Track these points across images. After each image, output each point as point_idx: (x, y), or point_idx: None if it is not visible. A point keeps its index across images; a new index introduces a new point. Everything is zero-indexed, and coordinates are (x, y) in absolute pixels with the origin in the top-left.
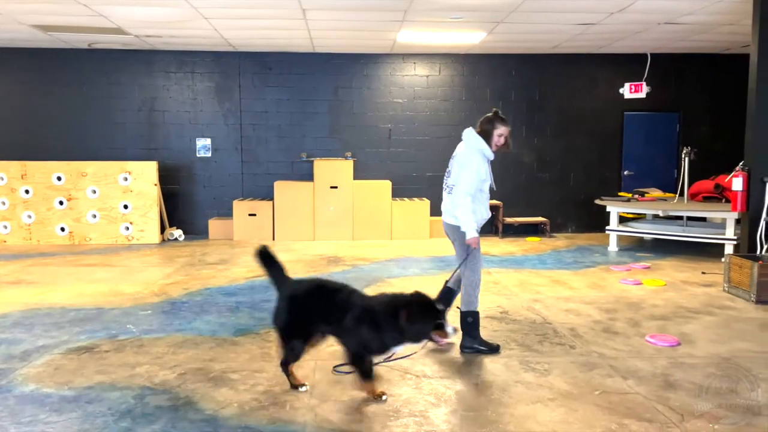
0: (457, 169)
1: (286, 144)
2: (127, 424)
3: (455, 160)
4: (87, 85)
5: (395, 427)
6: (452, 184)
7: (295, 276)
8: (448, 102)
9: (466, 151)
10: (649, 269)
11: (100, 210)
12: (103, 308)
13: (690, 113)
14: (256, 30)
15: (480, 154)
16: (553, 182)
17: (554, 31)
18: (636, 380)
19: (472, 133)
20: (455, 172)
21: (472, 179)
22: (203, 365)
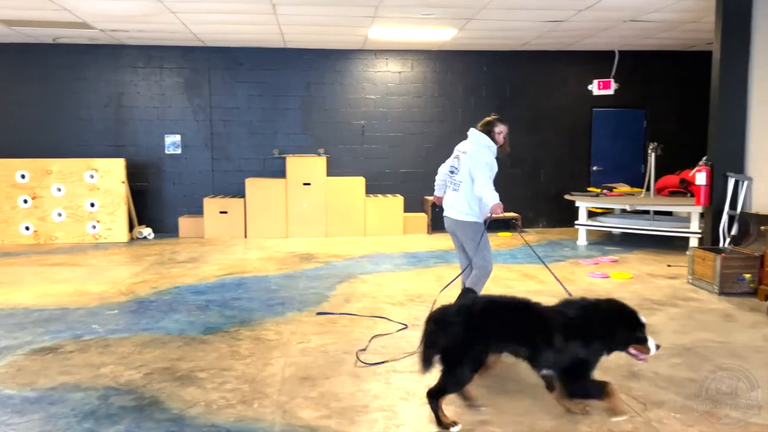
0: (470, 165)
1: (258, 140)
2: (90, 425)
3: (466, 157)
4: (52, 81)
5: (364, 422)
6: (460, 180)
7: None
8: (420, 98)
9: (476, 147)
10: (617, 262)
11: (66, 208)
12: (68, 308)
13: (656, 109)
14: (226, 25)
15: (488, 149)
16: (524, 178)
17: (524, 28)
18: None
19: (478, 132)
20: (466, 168)
21: (486, 170)
22: (170, 364)
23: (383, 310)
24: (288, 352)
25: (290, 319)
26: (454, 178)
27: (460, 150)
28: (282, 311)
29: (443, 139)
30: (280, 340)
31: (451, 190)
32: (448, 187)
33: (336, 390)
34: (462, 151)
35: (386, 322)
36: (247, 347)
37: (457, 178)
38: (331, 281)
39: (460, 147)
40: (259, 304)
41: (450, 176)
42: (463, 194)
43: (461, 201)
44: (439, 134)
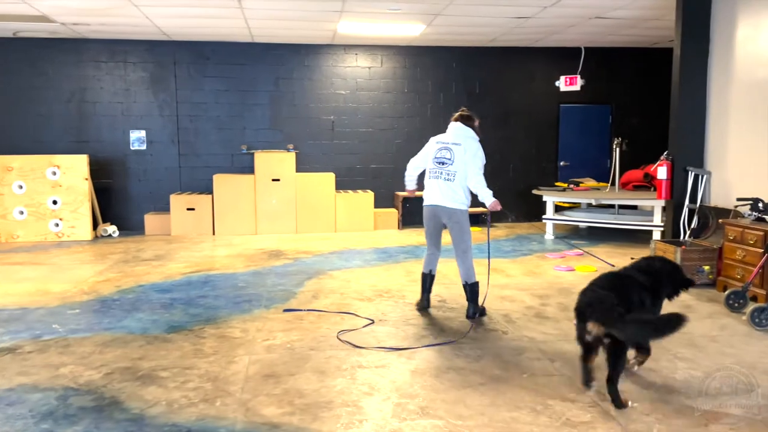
0: (467, 158)
1: (226, 136)
2: (48, 426)
3: (460, 150)
4: (11, 76)
5: (327, 418)
6: (455, 170)
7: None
8: (390, 94)
9: (469, 141)
10: (582, 256)
11: (28, 206)
12: (28, 308)
13: (621, 105)
14: (191, 18)
15: (478, 142)
16: (493, 173)
17: (491, 24)
18: (563, 362)
19: (465, 126)
20: (461, 160)
21: (481, 164)
22: (132, 364)
23: (351, 306)
24: (253, 349)
25: (257, 317)
26: (447, 169)
27: (447, 142)
28: (248, 308)
29: (413, 134)
30: (245, 338)
31: (443, 180)
32: (437, 178)
33: (300, 386)
34: (453, 143)
35: (353, 318)
36: (212, 345)
37: (451, 169)
38: (299, 278)
39: (445, 139)
40: (226, 301)
41: (441, 167)
42: (459, 184)
43: (457, 191)
44: (408, 130)
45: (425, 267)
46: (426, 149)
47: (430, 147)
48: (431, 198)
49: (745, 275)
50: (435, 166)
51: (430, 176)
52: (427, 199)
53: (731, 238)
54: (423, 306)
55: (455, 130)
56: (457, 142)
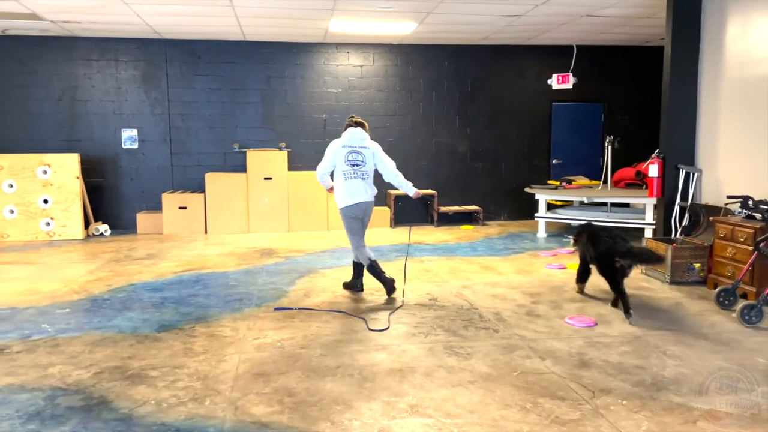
0: (378, 158)
1: (218, 135)
2: (35, 426)
3: (370, 152)
4: (0, 74)
5: (318, 417)
6: (368, 171)
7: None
8: (382, 92)
9: (371, 143)
10: (574, 253)
11: (18, 205)
12: (17, 308)
13: (613, 103)
14: (182, 17)
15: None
16: (485, 171)
17: (482, 22)
18: (553, 360)
19: (364, 131)
20: (371, 160)
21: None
22: (121, 363)
23: (342, 304)
24: (243, 348)
25: (247, 315)
26: (362, 170)
27: (355, 146)
28: (239, 307)
29: (405, 132)
30: (235, 337)
31: (362, 180)
32: (357, 178)
33: (290, 385)
34: (360, 146)
35: (344, 316)
36: (202, 344)
37: (365, 169)
38: (291, 276)
39: (352, 144)
40: (217, 300)
41: (356, 168)
42: (371, 182)
43: (372, 187)
44: (401, 128)
45: (370, 256)
46: (333, 154)
47: (339, 152)
48: (358, 196)
49: (736, 273)
50: (350, 168)
51: (347, 177)
52: (353, 198)
53: (722, 236)
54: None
55: (359, 135)
56: (364, 146)
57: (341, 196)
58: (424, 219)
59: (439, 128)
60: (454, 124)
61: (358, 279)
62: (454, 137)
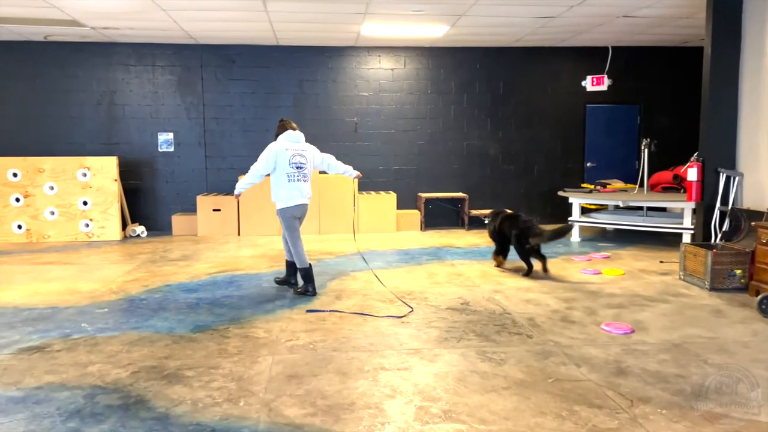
0: (319, 159)
1: (251, 138)
2: (74, 425)
3: (311, 154)
4: (42, 79)
5: (350, 420)
6: (309, 172)
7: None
8: (413, 95)
9: (309, 145)
10: (609, 259)
11: (59, 207)
12: (57, 307)
13: (650, 105)
14: (217, 22)
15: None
16: (517, 174)
17: (516, 24)
18: (589, 367)
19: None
20: (311, 162)
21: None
22: (158, 363)
23: (373, 307)
24: (276, 349)
25: (280, 317)
26: (304, 172)
27: (298, 149)
28: (272, 309)
29: (436, 135)
30: (269, 338)
31: (303, 182)
32: (299, 180)
33: (323, 387)
34: (302, 149)
35: (375, 319)
36: (236, 345)
37: (306, 171)
38: (322, 278)
39: (295, 147)
40: (250, 301)
41: (299, 171)
42: (309, 183)
43: (310, 189)
44: (431, 131)
45: (306, 259)
46: (275, 156)
47: (282, 154)
48: (300, 198)
49: None
50: (294, 170)
51: (291, 180)
52: (295, 200)
53: (764, 241)
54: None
55: (299, 137)
56: (304, 148)
57: (283, 198)
58: (455, 222)
59: (470, 131)
60: (485, 126)
61: (293, 276)
62: (486, 140)
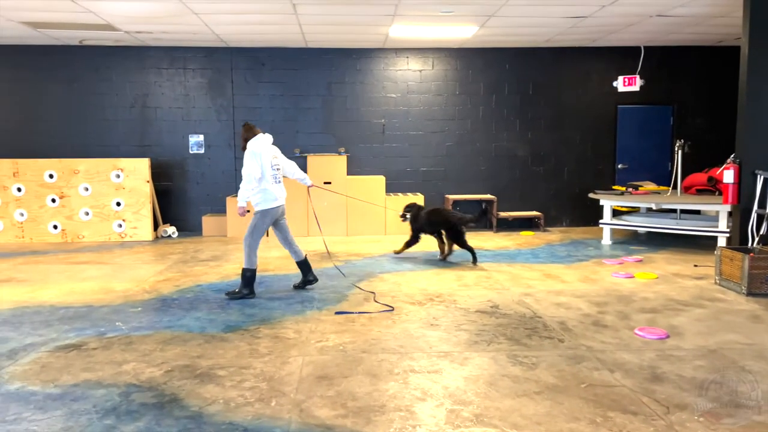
0: (283, 162)
1: (280, 140)
2: (111, 422)
3: (279, 155)
4: (78, 82)
5: (381, 422)
6: (282, 174)
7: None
8: (441, 96)
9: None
10: (642, 262)
11: (93, 207)
12: (92, 306)
13: (684, 106)
14: (247, 25)
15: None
16: (547, 176)
17: (546, 25)
18: (623, 373)
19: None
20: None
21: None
22: (191, 362)
23: (402, 309)
24: (306, 350)
25: (309, 318)
26: (280, 173)
27: (273, 152)
28: (301, 310)
29: (464, 137)
30: (298, 339)
31: (280, 183)
32: (279, 182)
33: (353, 389)
34: (274, 152)
35: (404, 321)
36: (266, 345)
37: (280, 172)
38: (350, 280)
39: (270, 150)
40: (279, 302)
41: (277, 172)
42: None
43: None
44: (460, 132)
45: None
46: (262, 159)
47: (266, 157)
48: (281, 198)
49: None
50: (274, 172)
51: (273, 182)
52: (279, 201)
53: None
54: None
55: (270, 140)
56: (275, 151)
57: (267, 200)
58: (483, 224)
59: (499, 132)
60: (514, 127)
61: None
62: (515, 141)
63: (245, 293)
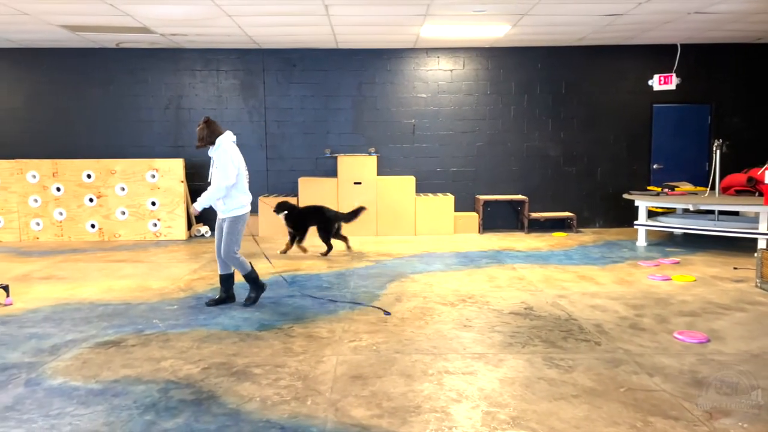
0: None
1: (310, 140)
2: (151, 418)
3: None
4: (115, 84)
5: (416, 423)
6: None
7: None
8: (472, 96)
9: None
10: (679, 264)
11: (129, 207)
12: (130, 303)
13: (722, 105)
14: (280, 27)
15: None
16: (579, 176)
17: (580, 23)
18: (662, 377)
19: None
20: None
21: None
22: (226, 360)
23: (434, 310)
24: (340, 350)
25: (342, 317)
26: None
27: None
28: (334, 309)
29: (495, 137)
30: (332, 338)
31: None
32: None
33: (387, 389)
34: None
35: (437, 322)
36: (300, 344)
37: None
38: (382, 280)
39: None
40: (312, 301)
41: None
42: None
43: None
44: (491, 132)
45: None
46: (239, 157)
47: (239, 157)
48: (248, 204)
49: None
50: (246, 173)
51: (246, 185)
52: (249, 205)
53: None
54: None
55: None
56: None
57: (244, 203)
58: (514, 225)
59: (530, 132)
60: (546, 127)
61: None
62: (546, 141)
63: (259, 292)
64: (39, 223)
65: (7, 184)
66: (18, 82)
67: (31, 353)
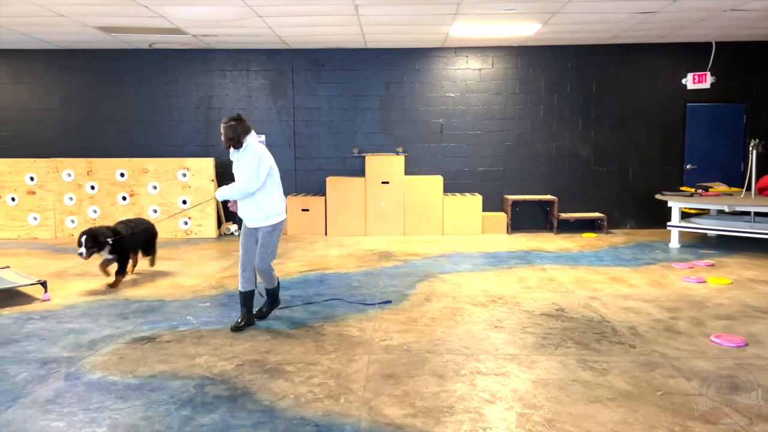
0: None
1: (338, 140)
2: (188, 413)
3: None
4: (147, 85)
5: (450, 423)
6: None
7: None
8: (501, 95)
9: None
10: (714, 267)
11: (161, 205)
12: (164, 300)
13: (758, 104)
14: (309, 27)
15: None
16: (610, 176)
17: (613, 21)
18: (700, 381)
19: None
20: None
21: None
22: (259, 357)
23: (464, 310)
24: (371, 349)
25: (372, 317)
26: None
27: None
28: (363, 308)
29: (524, 136)
30: (362, 337)
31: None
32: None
33: (420, 389)
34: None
35: (467, 322)
36: (332, 343)
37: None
38: (410, 280)
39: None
40: (341, 300)
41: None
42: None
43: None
44: (519, 132)
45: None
46: (270, 159)
47: (271, 158)
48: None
49: None
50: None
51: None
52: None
53: None
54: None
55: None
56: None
57: (281, 210)
58: (543, 226)
59: (560, 131)
60: (576, 127)
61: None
62: (576, 140)
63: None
64: (74, 221)
65: (44, 183)
66: (54, 83)
67: (69, 348)
